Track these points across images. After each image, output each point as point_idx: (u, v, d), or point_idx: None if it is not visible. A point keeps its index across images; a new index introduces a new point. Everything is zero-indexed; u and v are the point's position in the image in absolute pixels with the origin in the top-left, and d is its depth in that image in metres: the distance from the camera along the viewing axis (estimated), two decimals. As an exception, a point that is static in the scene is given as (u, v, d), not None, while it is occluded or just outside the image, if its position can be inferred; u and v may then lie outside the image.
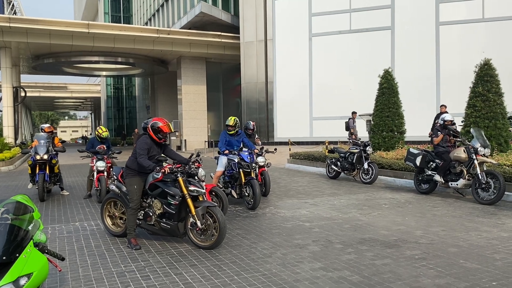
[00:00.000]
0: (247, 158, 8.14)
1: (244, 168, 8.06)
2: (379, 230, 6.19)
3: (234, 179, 8.41)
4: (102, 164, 9.18)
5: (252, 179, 7.93)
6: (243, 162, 8.11)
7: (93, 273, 4.63)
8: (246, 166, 8.06)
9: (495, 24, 21.16)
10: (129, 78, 52.03)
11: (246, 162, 8.08)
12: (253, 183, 7.81)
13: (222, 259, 5.00)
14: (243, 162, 8.10)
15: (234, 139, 8.70)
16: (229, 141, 8.68)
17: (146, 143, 5.66)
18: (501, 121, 10.61)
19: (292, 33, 25.46)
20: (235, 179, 8.35)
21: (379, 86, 13.96)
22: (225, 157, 8.51)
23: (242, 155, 8.21)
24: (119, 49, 28.77)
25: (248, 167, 8.05)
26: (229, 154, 8.43)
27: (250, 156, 8.21)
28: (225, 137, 8.70)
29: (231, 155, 8.41)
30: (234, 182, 8.38)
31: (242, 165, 8.09)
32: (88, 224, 7.05)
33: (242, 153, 8.29)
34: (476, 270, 4.45)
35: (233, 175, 8.41)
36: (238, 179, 8.21)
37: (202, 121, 31.73)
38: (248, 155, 8.20)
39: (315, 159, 14.56)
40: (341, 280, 4.25)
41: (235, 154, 8.37)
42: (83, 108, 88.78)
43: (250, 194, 7.93)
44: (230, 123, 8.62)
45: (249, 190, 7.96)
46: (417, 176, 9.58)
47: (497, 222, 6.55)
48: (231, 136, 8.70)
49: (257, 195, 7.69)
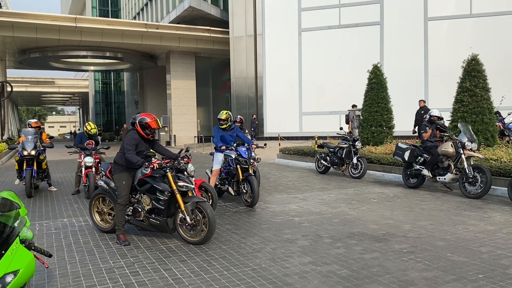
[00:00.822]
0: (245, 153, 7.87)
1: (242, 164, 7.81)
2: (368, 224, 6.23)
3: (231, 176, 8.14)
4: (90, 159, 9.10)
5: (250, 175, 7.67)
6: (240, 158, 7.85)
7: (82, 269, 4.60)
8: (244, 162, 7.80)
9: (482, 20, 21.34)
10: (117, 73, 51.57)
11: (244, 158, 7.82)
12: (251, 179, 7.54)
13: (211, 254, 4.99)
14: (241, 158, 7.84)
15: (228, 134, 8.34)
16: (222, 136, 8.31)
17: (134, 139, 5.61)
18: (488, 116, 10.71)
19: (282, 28, 25.42)
20: (232, 176, 8.08)
21: (368, 81, 14.01)
22: (221, 153, 8.21)
23: (239, 151, 7.95)
24: (107, 43, 28.48)
25: (246, 163, 7.80)
26: (226, 149, 8.11)
27: (248, 152, 7.95)
28: (218, 132, 8.35)
29: (228, 151, 8.09)
30: (231, 178, 8.11)
31: (240, 161, 7.83)
32: (77, 220, 6.99)
33: (239, 148, 8.02)
34: (463, 263, 4.50)
35: (230, 172, 8.12)
36: (236, 175, 7.95)
37: (191, 117, 31.61)
38: (246, 151, 7.94)
39: (305, 154, 14.60)
40: (330, 274, 4.27)
41: (232, 150, 8.05)
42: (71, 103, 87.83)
43: (248, 191, 7.66)
44: (222, 117, 8.27)
45: (247, 187, 7.69)
46: (406, 170, 9.66)
47: (484, 216, 6.64)
48: (224, 130, 8.34)
49: (255, 192, 7.43)
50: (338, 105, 22.21)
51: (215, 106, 34.60)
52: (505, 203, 7.55)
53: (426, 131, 9.13)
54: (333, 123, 21.23)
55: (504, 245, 5.09)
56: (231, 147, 8.10)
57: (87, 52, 30.21)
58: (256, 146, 8.43)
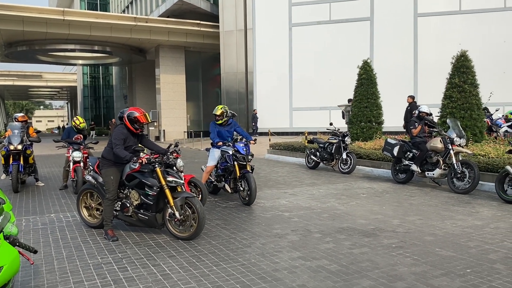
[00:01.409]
0: (243, 150, 7.57)
1: (240, 160, 7.51)
2: (357, 219, 6.25)
3: (228, 173, 7.86)
4: (78, 154, 9.00)
5: (248, 172, 7.42)
6: (238, 154, 7.53)
7: (69, 265, 4.54)
8: (242, 158, 7.49)
9: (471, 17, 21.50)
10: (106, 67, 51.12)
11: (242, 154, 7.51)
12: (249, 176, 7.29)
13: (201, 249, 4.96)
14: (239, 154, 7.53)
15: (224, 130, 8.02)
16: (218, 131, 8.00)
17: (122, 133, 5.54)
18: (476, 112, 10.80)
19: (272, 23, 25.36)
20: (229, 173, 7.80)
21: (358, 77, 14.04)
22: (217, 149, 7.90)
23: (237, 147, 7.64)
24: (95, 37, 28.15)
25: (244, 160, 7.50)
26: (223, 145, 7.80)
27: (246, 148, 7.64)
28: (215, 127, 8.03)
29: (225, 147, 7.77)
30: (228, 175, 7.84)
31: (238, 158, 7.52)
32: (64, 215, 6.91)
33: (237, 144, 7.71)
34: (451, 258, 4.53)
35: (227, 168, 7.84)
36: (233, 172, 7.67)
37: (181, 111, 31.44)
38: (244, 147, 7.63)
39: (295, 150, 14.61)
40: (320, 269, 4.27)
41: (229, 146, 7.73)
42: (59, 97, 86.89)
43: (245, 188, 7.39)
44: (217, 112, 7.95)
45: (244, 184, 7.42)
46: (395, 166, 9.71)
47: (472, 211, 6.69)
48: (220, 126, 8.03)
49: (252, 189, 7.19)
50: (328, 100, 22.25)
51: (205, 101, 34.46)
52: (492, 198, 7.63)
53: (416, 127, 9.18)
54: (323, 119, 21.25)
55: (492, 239, 5.14)
56: (228, 142, 7.80)
57: (75, 46, 29.86)
58: (254, 142, 8.09)
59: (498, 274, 4.06)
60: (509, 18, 20.97)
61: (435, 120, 10.17)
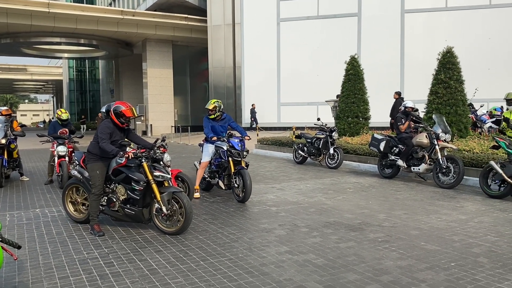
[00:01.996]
0: (238, 145, 7.34)
1: (234, 156, 7.29)
2: (343, 214, 6.29)
3: (222, 169, 7.63)
4: (63, 149, 8.89)
5: (243, 168, 7.18)
6: (233, 150, 7.30)
7: (54, 260, 4.50)
8: (237, 154, 7.29)
9: (457, 13, 21.70)
10: (92, 61, 50.53)
11: (237, 150, 7.29)
12: (244, 173, 7.05)
13: (188, 244, 4.95)
14: (233, 150, 7.30)
15: (218, 124, 7.78)
16: (212, 126, 7.74)
17: (108, 128, 5.49)
18: (461, 108, 10.93)
19: (260, 18, 25.28)
20: (223, 169, 7.58)
21: (345, 72, 14.09)
22: (211, 145, 7.66)
23: (232, 142, 7.40)
24: (81, 30, 27.80)
25: (239, 156, 7.29)
26: (217, 140, 7.53)
27: (241, 143, 7.42)
28: (208, 122, 7.76)
29: (219, 142, 7.52)
30: (222, 171, 7.62)
31: (232, 153, 7.30)
32: (49, 210, 6.83)
33: (232, 139, 7.47)
34: (436, 251, 4.59)
35: (221, 164, 7.60)
36: (227, 168, 7.46)
37: (168, 106, 31.25)
38: (239, 142, 7.40)
39: (283, 145, 14.63)
40: (306, 263, 4.30)
41: (224, 141, 7.48)
42: (44, 91, 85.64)
43: (240, 185, 7.16)
44: (210, 107, 7.66)
45: (239, 181, 7.19)
46: (381, 161, 9.79)
47: (456, 205, 6.78)
48: (214, 121, 7.77)
49: (247, 186, 6.97)
50: (316, 96, 22.30)
51: (193, 96, 34.30)
52: (476, 193, 7.74)
53: (403, 123, 9.25)
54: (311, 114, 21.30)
55: (475, 233, 5.22)
56: (223, 138, 7.56)
57: (61, 39, 29.46)
58: (249, 138, 7.82)
59: (481, 267, 4.13)
60: (494, 15, 21.21)
61: (421, 116, 10.26)
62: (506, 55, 20.95)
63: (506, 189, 7.13)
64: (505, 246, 4.75)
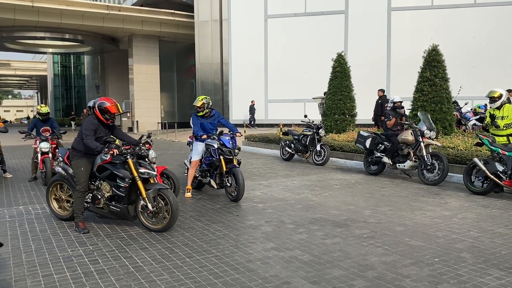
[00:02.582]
0: (229, 143, 7.11)
1: (226, 154, 7.05)
2: (329, 210, 6.33)
3: (213, 167, 7.40)
4: (46, 145, 8.76)
5: (235, 167, 6.98)
6: (224, 148, 7.07)
7: (38, 258, 4.44)
8: (228, 152, 7.04)
9: (443, 12, 21.91)
10: (77, 56, 49.91)
11: (228, 148, 7.05)
12: (236, 171, 6.86)
13: (174, 241, 4.93)
14: (225, 148, 7.07)
15: (207, 122, 7.50)
16: (201, 123, 7.46)
17: (92, 124, 5.42)
18: (446, 105, 11.06)
19: (248, 14, 25.21)
20: (215, 167, 7.35)
21: (332, 70, 14.14)
22: (201, 143, 7.42)
23: (223, 140, 7.16)
24: (66, 25, 27.40)
25: (230, 154, 7.05)
26: (207, 138, 7.29)
27: (232, 141, 7.19)
28: (197, 119, 7.50)
29: (209, 140, 7.27)
30: (214, 170, 7.39)
31: (224, 151, 7.05)
32: (33, 207, 6.74)
33: (223, 137, 7.21)
34: (420, 247, 4.64)
35: (212, 163, 7.38)
36: (218, 167, 7.23)
37: (155, 102, 31.03)
38: (230, 140, 7.16)
39: (270, 141, 14.64)
40: (292, 259, 4.31)
41: (214, 139, 7.23)
42: (28, 86, 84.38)
43: (232, 184, 6.96)
44: (197, 104, 7.38)
45: (231, 179, 7.00)
46: (367, 158, 9.86)
47: (441, 202, 6.87)
48: (203, 118, 7.49)
49: (240, 185, 6.76)
50: (303, 93, 22.34)
51: (180, 92, 34.11)
52: (460, 189, 7.84)
53: (390, 119, 9.29)
54: (298, 111, 21.36)
55: (459, 229, 5.29)
56: (213, 135, 7.30)
57: (45, 34, 29.01)
58: (240, 134, 7.69)
59: (464, 262, 4.19)
60: (478, 14, 21.47)
61: (407, 113, 10.35)
62: (490, 53, 21.23)
63: (489, 186, 7.24)
64: (488, 241, 4.83)
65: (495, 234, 5.09)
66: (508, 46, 21.10)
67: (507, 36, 21.11)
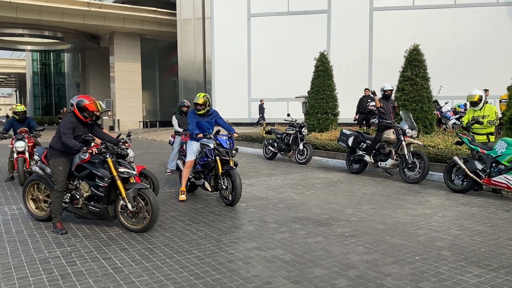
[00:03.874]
0: (226, 143, 6.77)
1: (222, 155, 6.71)
2: (312, 209, 6.32)
3: (208, 169, 7.02)
4: (21, 144, 8.52)
5: (232, 168, 6.63)
6: (221, 149, 6.71)
7: (13, 260, 4.31)
8: (225, 153, 6.69)
9: (424, 12, 22.20)
10: (57, 54, 49.02)
11: (225, 149, 6.70)
12: (233, 173, 6.53)
13: (154, 242, 4.85)
14: (221, 148, 6.71)
15: (204, 120, 7.15)
16: (198, 122, 7.12)
17: (71, 122, 5.29)
18: (427, 105, 11.19)
19: (231, 12, 25.11)
20: (210, 169, 6.98)
21: (315, 69, 14.17)
22: (196, 142, 7.06)
23: (219, 140, 6.80)
24: (45, 21, 26.84)
25: (227, 154, 6.71)
26: (202, 138, 6.94)
27: (230, 141, 6.84)
28: (194, 117, 7.13)
29: (205, 140, 6.91)
30: (209, 172, 7.01)
31: (220, 152, 6.71)
32: (9, 208, 6.57)
33: (219, 137, 6.87)
34: (401, 245, 4.66)
35: (207, 164, 6.99)
36: (214, 168, 6.88)
37: (136, 101, 30.66)
38: (227, 140, 6.82)
39: (253, 140, 14.61)
40: (274, 259, 4.28)
41: (210, 139, 6.89)
42: (7, 84, 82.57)
43: (228, 187, 6.62)
44: (199, 101, 7.01)
45: (227, 182, 6.65)
46: (349, 156, 9.90)
47: (421, 200, 6.93)
48: (201, 116, 7.14)
49: (237, 188, 6.41)
50: (287, 91, 22.37)
51: (162, 90, 33.80)
52: (441, 187, 7.93)
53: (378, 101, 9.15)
54: (281, 110, 21.36)
55: (439, 227, 5.34)
56: (209, 135, 6.95)
57: (24, 30, 28.38)
58: (238, 135, 7.33)
59: (444, 260, 4.22)
60: (458, 15, 21.82)
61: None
62: (469, 53, 21.60)
63: (469, 184, 7.33)
64: (467, 239, 4.87)
65: (474, 232, 5.15)
66: (487, 46, 21.51)
67: (486, 36, 21.51)
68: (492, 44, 21.50)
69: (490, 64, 21.26)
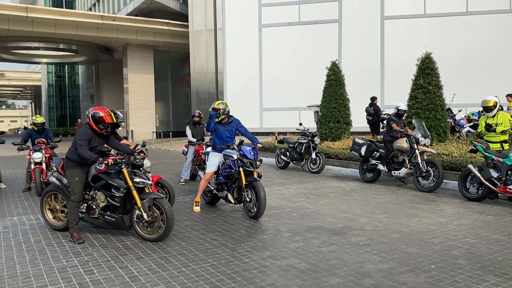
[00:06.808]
0: (250, 154, 6.51)
1: (246, 166, 6.45)
2: (326, 218, 6.31)
3: (231, 180, 6.74)
4: (38, 155, 8.69)
5: (255, 180, 6.39)
6: (245, 159, 6.47)
7: (32, 269, 4.39)
8: (249, 164, 6.44)
9: (435, 20, 22.12)
10: (72, 66, 49.82)
11: (249, 159, 6.45)
12: (257, 185, 6.27)
13: (169, 251, 4.90)
14: (245, 159, 6.47)
15: (224, 129, 6.87)
16: (217, 131, 6.86)
17: (86, 134, 5.40)
18: (440, 113, 11.13)
19: (242, 23, 25.32)
20: (233, 180, 6.70)
21: (327, 78, 14.21)
22: (217, 153, 6.86)
23: (243, 150, 6.56)
24: (60, 35, 27.39)
25: (252, 166, 6.45)
26: (226, 148, 6.76)
27: (254, 152, 6.57)
28: (213, 123, 6.87)
29: (228, 150, 6.71)
30: (232, 183, 6.73)
31: (244, 163, 6.46)
32: (27, 218, 6.68)
33: (243, 147, 6.63)
34: (416, 254, 4.64)
35: (230, 175, 6.71)
36: (237, 180, 6.60)
37: (150, 111, 31.00)
38: (251, 150, 6.57)
39: (265, 150, 14.65)
40: (289, 268, 4.29)
41: (234, 149, 6.67)
42: (22, 97, 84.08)
43: (252, 199, 6.39)
44: (214, 106, 6.78)
45: (251, 194, 6.42)
46: (362, 165, 9.87)
47: (436, 209, 6.88)
48: (219, 124, 6.88)
49: (261, 200, 6.18)
50: (298, 101, 22.38)
51: (174, 101, 34.11)
52: (455, 196, 7.86)
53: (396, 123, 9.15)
54: (293, 119, 21.37)
55: (455, 236, 5.30)
56: (233, 145, 6.73)
57: (39, 44, 28.98)
58: (262, 145, 7.07)
59: (460, 269, 4.19)
60: (471, 22, 21.70)
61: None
62: (482, 61, 21.42)
63: (484, 192, 7.26)
64: (483, 248, 4.83)
65: (490, 241, 5.10)
66: (500, 53, 21.32)
67: (499, 43, 21.33)
68: (506, 51, 21.32)
69: (504, 71, 21.05)
